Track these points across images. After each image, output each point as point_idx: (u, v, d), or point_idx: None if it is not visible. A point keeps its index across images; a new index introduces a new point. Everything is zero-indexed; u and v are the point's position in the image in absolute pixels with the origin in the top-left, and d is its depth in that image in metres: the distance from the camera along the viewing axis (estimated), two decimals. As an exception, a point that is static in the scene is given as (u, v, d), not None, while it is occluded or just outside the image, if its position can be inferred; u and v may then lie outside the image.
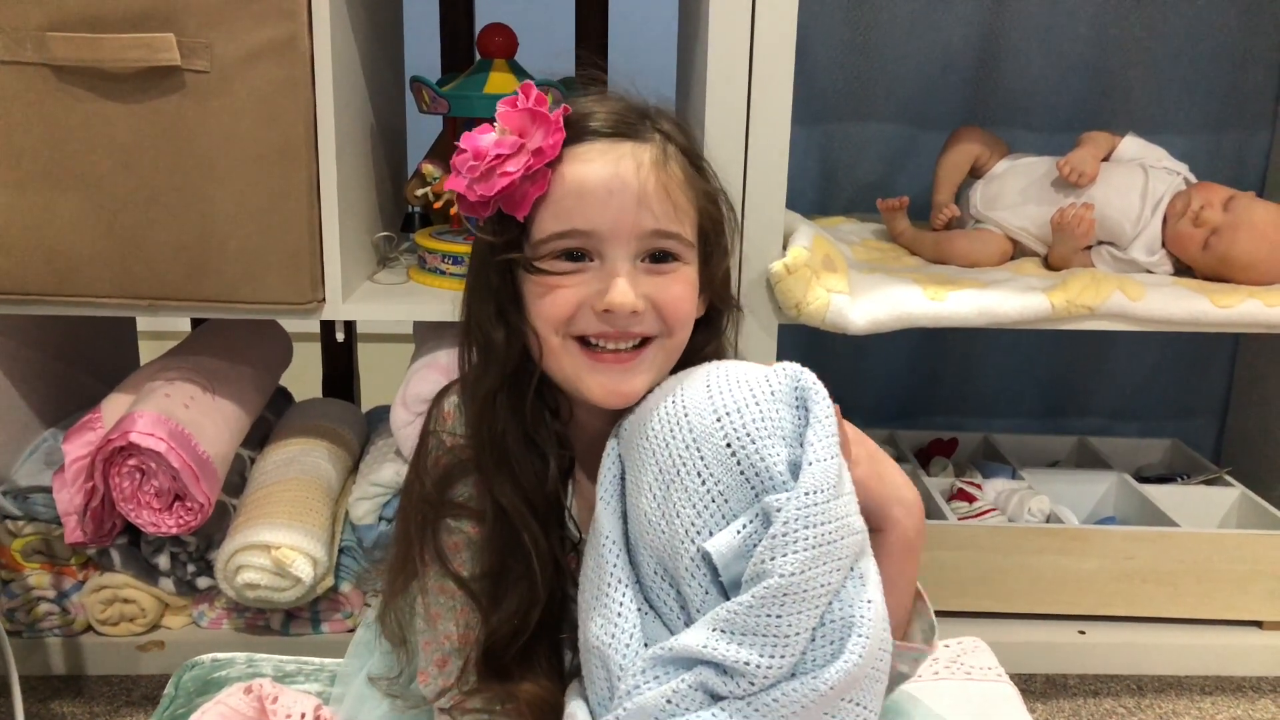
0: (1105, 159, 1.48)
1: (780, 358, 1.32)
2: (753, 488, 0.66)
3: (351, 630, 1.34)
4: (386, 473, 1.33)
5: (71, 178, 1.16)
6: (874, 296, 1.26)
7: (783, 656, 0.64)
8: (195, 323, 1.64)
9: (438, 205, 1.37)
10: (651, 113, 0.77)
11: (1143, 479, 1.63)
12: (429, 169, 1.39)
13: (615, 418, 0.76)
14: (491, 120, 1.37)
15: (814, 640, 0.66)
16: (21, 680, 1.18)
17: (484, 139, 0.73)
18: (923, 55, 1.70)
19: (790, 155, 1.26)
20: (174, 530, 1.23)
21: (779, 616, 0.64)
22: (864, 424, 1.87)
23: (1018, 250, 1.49)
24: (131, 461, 1.21)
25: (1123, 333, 1.37)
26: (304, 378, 1.75)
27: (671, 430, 0.68)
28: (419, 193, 1.41)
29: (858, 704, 0.67)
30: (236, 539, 1.27)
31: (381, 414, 1.54)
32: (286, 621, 1.37)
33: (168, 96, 1.14)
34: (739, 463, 0.66)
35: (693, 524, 0.66)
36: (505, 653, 0.77)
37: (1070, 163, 1.43)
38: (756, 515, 0.66)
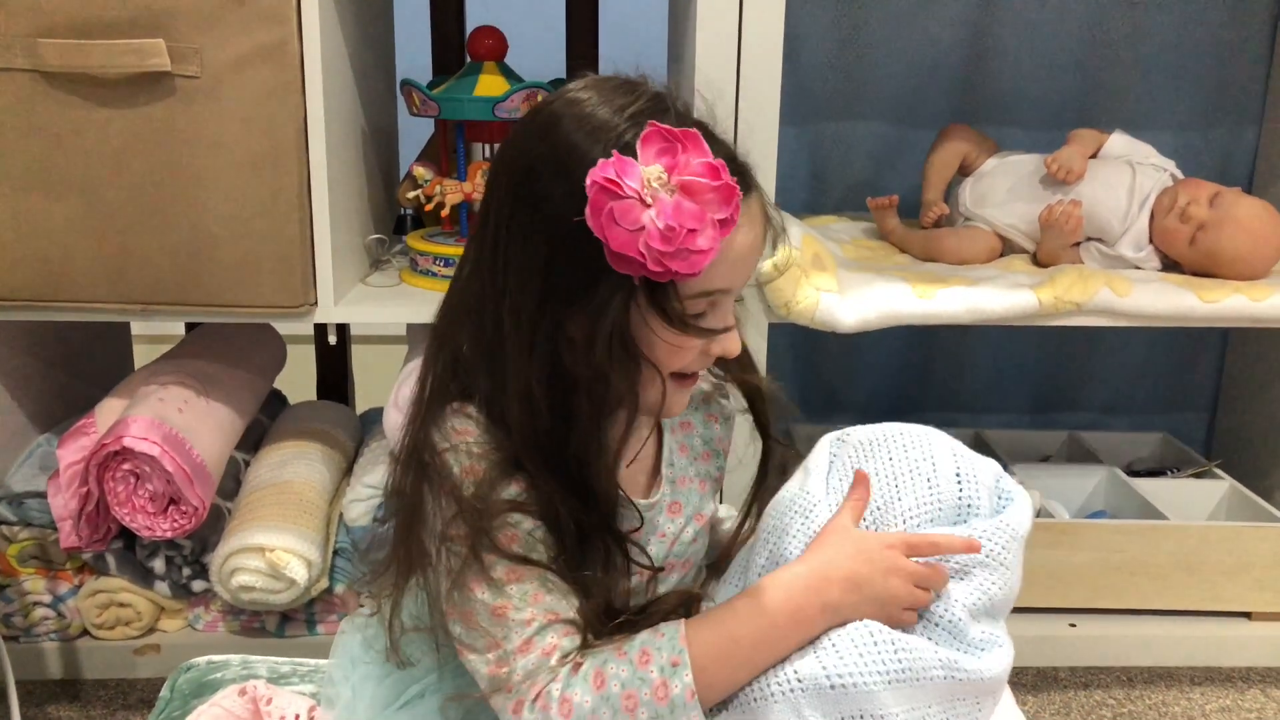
0: (1093, 156, 1.49)
1: (774, 356, 1.33)
2: (960, 513, 0.78)
3: (347, 631, 1.35)
4: (380, 474, 1.34)
5: (63, 183, 1.17)
6: (863, 295, 1.26)
7: (966, 601, 0.75)
8: (190, 327, 1.65)
9: (429, 207, 1.38)
10: (734, 152, 0.77)
11: (1133, 473, 1.64)
12: (420, 171, 1.40)
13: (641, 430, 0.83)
14: (484, 122, 1.37)
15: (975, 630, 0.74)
16: (18, 685, 1.19)
17: (664, 199, 0.69)
18: (912, 54, 1.71)
19: (781, 155, 1.27)
20: (168, 534, 1.24)
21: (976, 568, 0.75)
22: (856, 420, 1.88)
23: (1007, 247, 1.50)
24: (126, 466, 1.22)
25: (1113, 328, 1.38)
26: (299, 381, 1.76)
27: (914, 443, 0.80)
28: (410, 195, 1.41)
29: (979, 708, 0.75)
30: (231, 542, 1.27)
31: (376, 416, 1.55)
32: (282, 623, 1.37)
33: (158, 102, 1.15)
34: (961, 489, 0.78)
35: (908, 509, 0.78)
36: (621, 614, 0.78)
37: (1058, 160, 1.44)
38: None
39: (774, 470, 0.90)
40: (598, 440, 0.77)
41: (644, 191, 0.69)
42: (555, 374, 0.75)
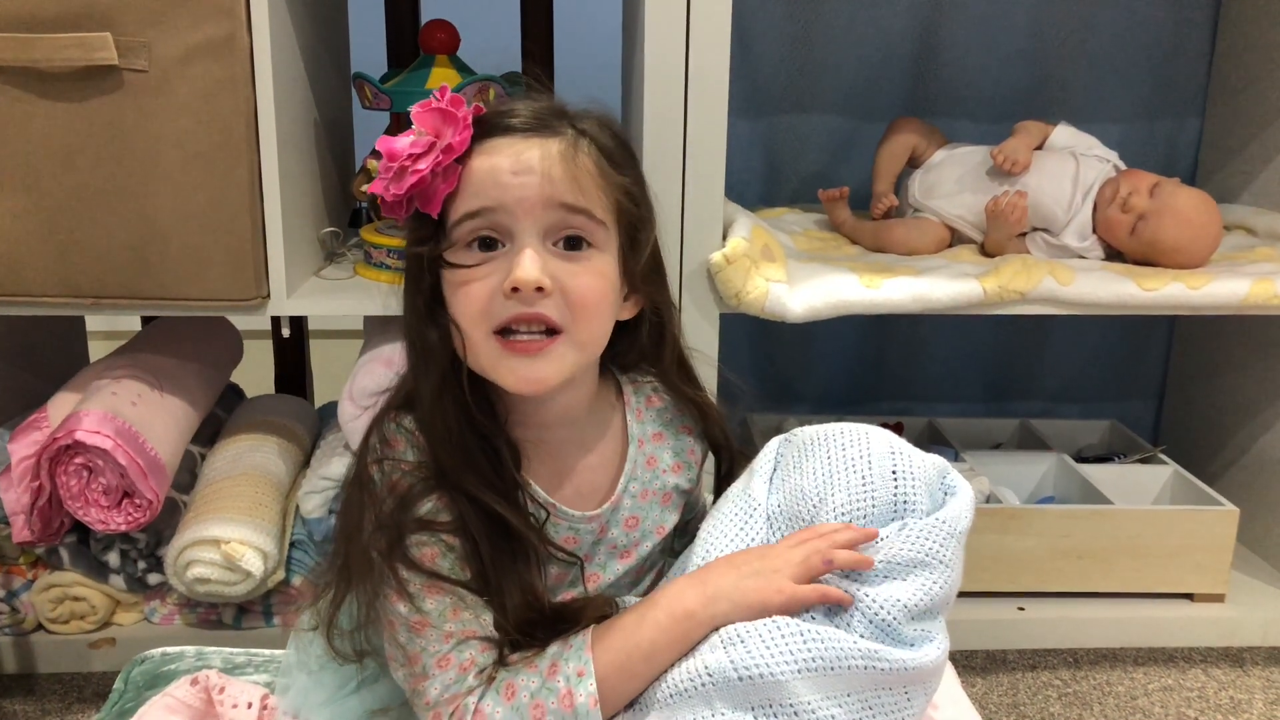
0: (1038, 147, 1.52)
1: (729, 346, 1.35)
2: (895, 510, 0.77)
3: (304, 623, 1.35)
4: (336, 466, 1.34)
5: (10, 178, 1.16)
6: (811, 285, 1.28)
7: (909, 601, 0.74)
8: (146, 321, 1.64)
9: (383, 200, 1.38)
10: (570, 112, 0.79)
11: (1082, 459, 1.68)
12: (374, 164, 1.40)
13: (550, 414, 0.82)
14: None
15: (910, 629, 0.74)
16: (-29, 679, 1.19)
17: (400, 141, 0.76)
18: (863, 47, 1.73)
19: (736, 148, 1.28)
20: (123, 527, 1.24)
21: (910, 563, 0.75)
22: (811, 410, 1.90)
23: (955, 238, 1.53)
24: (78, 460, 1.22)
25: (1064, 317, 1.40)
26: (257, 374, 1.76)
27: (852, 441, 0.79)
28: (364, 188, 1.41)
29: (909, 699, 0.74)
30: (186, 534, 1.27)
31: (334, 409, 1.54)
32: (239, 615, 1.38)
33: (106, 96, 1.14)
34: (897, 486, 0.77)
35: (841, 505, 0.78)
36: (538, 627, 0.79)
37: (1004, 151, 1.47)
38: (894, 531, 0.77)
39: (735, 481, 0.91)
40: (454, 409, 0.79)
41: (393, 147, 0.76)
42: (414, 341, 0.80)
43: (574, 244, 0.77)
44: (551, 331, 0.77)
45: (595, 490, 0.87)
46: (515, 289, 0.74)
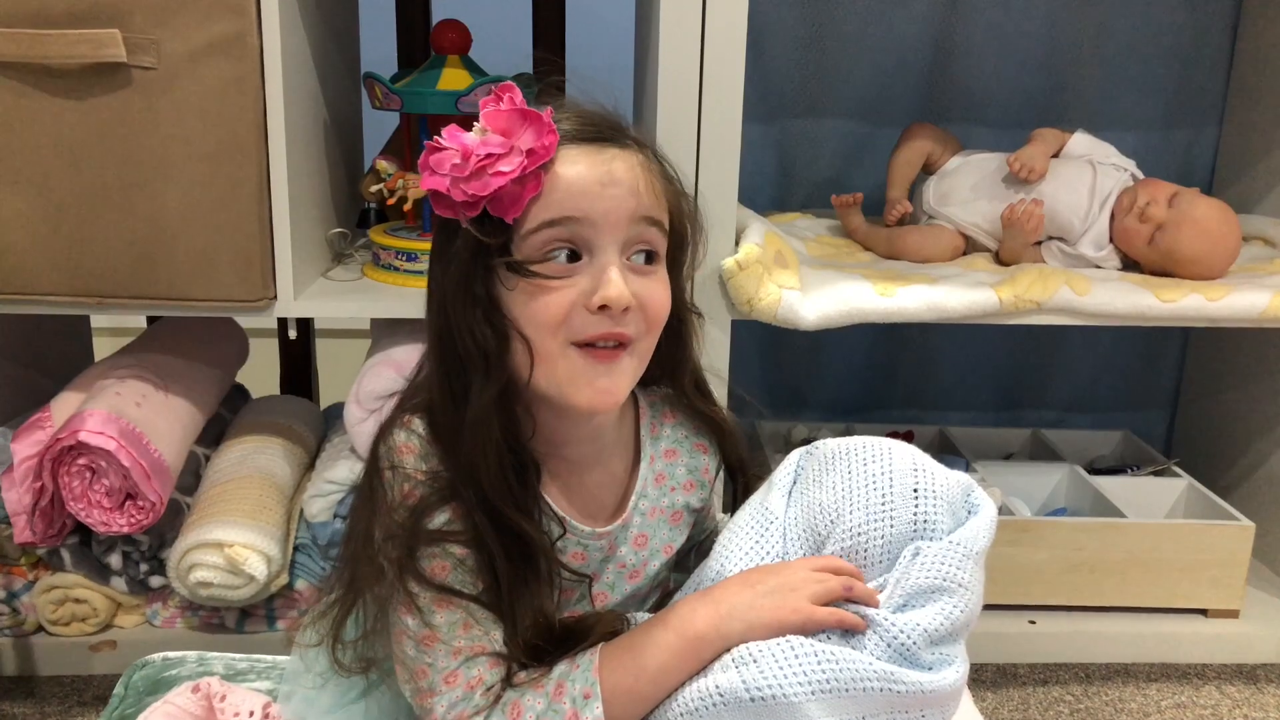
0: (1055, 155, 1.50)
1: (739, 353, 1.33)
2: (915, 530, 0.74)
3: (307, 628, 1.34)
4: (341, 470, 1.33)
5: (17, 175, 1.15)
6: (825, 292, 1.27)
7: (930, 626, 0.72)
8: (152, 321, 1.63)
9: (392, 201, 1.37)
10: (623, 122, 0.78)
11: (1095, 471, 1.66)
12: (383, 165, 1.39)
13: (582, 431, 0.81)
14: (447, 116, 1.37)
15: (928, 654, 0.72)
16: (-30, 681, 1.17)
17: (468, 137, 0.72)
18: (878, 52, 1.72)
19: (748, 152, 1.26)
20: (125, 529, 1.23)
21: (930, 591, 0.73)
22: (820, 418, 1.88)
23: (970, 246, 1.51)
24: (81, 460, 1.20)
25: (1076, 327, 1.39)
26: (262, 375, 1.74)
27: (874, 456, 0.77)
28: (374, 189, 1.40)
29: None
30: (189, 537, 1.26)
31: (339, 411, 1.53)
32: (241, 619, 1.36)
33: (115, 93, 1.13)
34: (918, 505, 0.75)
35: (858, 524, 0.76)
36: (546, 647, 0.77)
37: (1020, 159, 1.45)
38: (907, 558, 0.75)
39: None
40: (498, 422, 0.75)
41: (467, 144, 0.72)
42: (465, 351, 0.75)
43: (647, 257, 0.76)
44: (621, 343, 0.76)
45: (605, 506, 0.85)
46: (603, 306, 0.73)
